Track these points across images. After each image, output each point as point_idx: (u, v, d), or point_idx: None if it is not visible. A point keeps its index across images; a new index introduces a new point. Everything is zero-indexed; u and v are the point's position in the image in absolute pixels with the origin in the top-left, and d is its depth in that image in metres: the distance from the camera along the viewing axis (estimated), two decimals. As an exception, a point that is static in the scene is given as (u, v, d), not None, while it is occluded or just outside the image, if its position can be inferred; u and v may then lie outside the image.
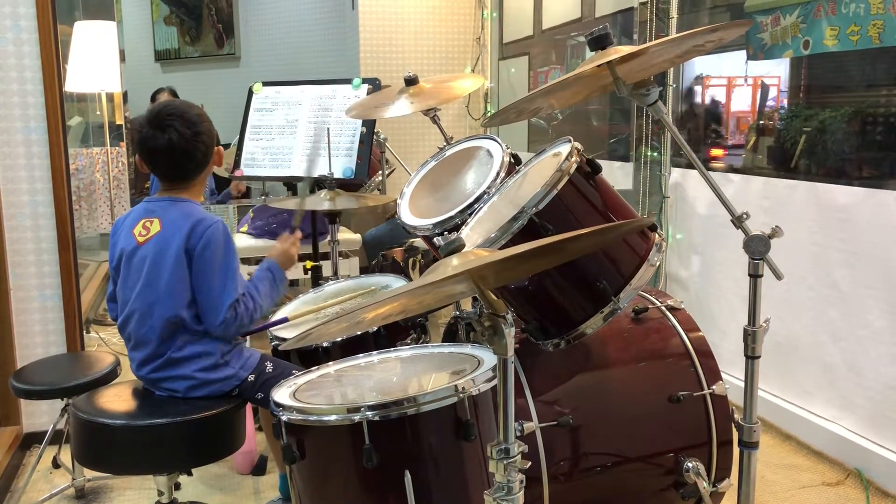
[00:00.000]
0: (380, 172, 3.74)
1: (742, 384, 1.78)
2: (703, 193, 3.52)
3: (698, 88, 3.90)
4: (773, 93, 3.57)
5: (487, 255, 1.26)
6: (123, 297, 2.09)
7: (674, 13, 3.59)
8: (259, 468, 2.83)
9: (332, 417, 1.55)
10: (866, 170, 2.88)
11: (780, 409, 3.08)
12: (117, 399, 2.11)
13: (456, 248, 1.29)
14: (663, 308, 2.22)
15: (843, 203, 2.79)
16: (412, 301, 1.36)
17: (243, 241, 4.01)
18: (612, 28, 2.06)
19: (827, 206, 2.86)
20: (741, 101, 3.86)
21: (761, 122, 3.56)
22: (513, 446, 1.30)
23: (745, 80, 3.77)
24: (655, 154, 3.78)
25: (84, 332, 3.30)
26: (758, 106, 3.68)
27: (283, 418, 1.61)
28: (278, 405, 1.63)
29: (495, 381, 1.54)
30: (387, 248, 3.58)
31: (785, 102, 3.42)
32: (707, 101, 3.91)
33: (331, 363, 1.91)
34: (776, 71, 3.44)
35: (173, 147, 2.02)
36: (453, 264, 1.24)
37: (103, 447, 2.01)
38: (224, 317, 1.99)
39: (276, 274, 2.16)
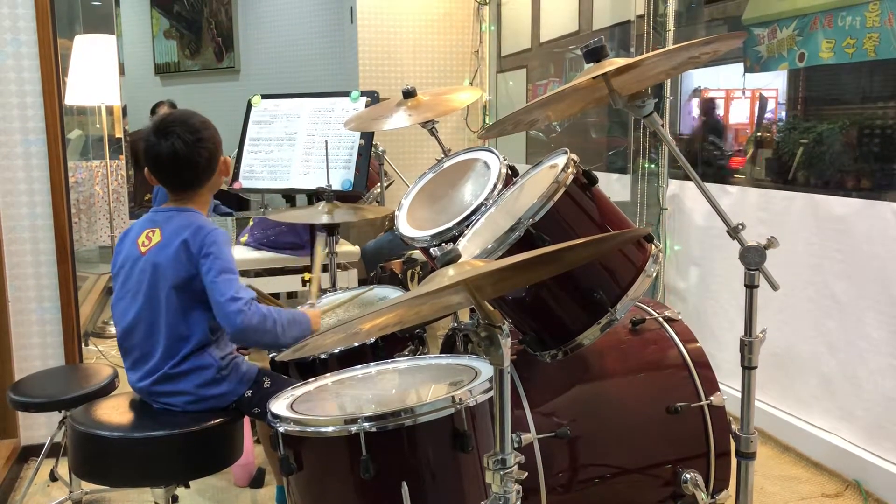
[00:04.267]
0: (378, 185, 3.75)
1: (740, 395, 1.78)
2: (700, 205, 3.52)
3: (696, 101, 3.91)
4: (770, 105, 3.58)
5: (483, 265, 1.26)
6: (122, 306, 2.08)
7: (670, 26, 3.61)
8: (257, 480, 2.82)
9: (330, 429, 1.55)
10: (863, 181, 2.89)
11: (779, 421, 3.08)
12: (115, 411, 2.10)
13: (452, 258, 1.29)
14: (661, 319, 2.22)
15: (840, 214, 2.80)
16: (409, 312, 1.37)
17: (242, 252, 4.01)
18: (609, 41, 2.08)
19: (824, 217, 2.86)
20: (739, 114, 3.87)
21: (759, 134, 3.57)
22: (509, 457, 1.30)
23: (743, 93, 3.78)
24: (653, 166, 3.79)
25: (82, 344, 3.29)
26: (756, 118, 3.69)
27: (281, 430, 1.61)
28: (275, 416, 1.63)
29: (492, 392, 1.54)
30: (385, 260, 3.59)
31: (783, 115, 3.43)
32: (705, 113, 3.92)
33: (328, 374, 1.91)
34: (774, 83, 3.45)
35: (176, 154, 2.04)
36: (449, 274, 1.24)
37: (101, 460, 2.01)
38: (241, 307, 1.92)
39: (303, 319, 2.10)
